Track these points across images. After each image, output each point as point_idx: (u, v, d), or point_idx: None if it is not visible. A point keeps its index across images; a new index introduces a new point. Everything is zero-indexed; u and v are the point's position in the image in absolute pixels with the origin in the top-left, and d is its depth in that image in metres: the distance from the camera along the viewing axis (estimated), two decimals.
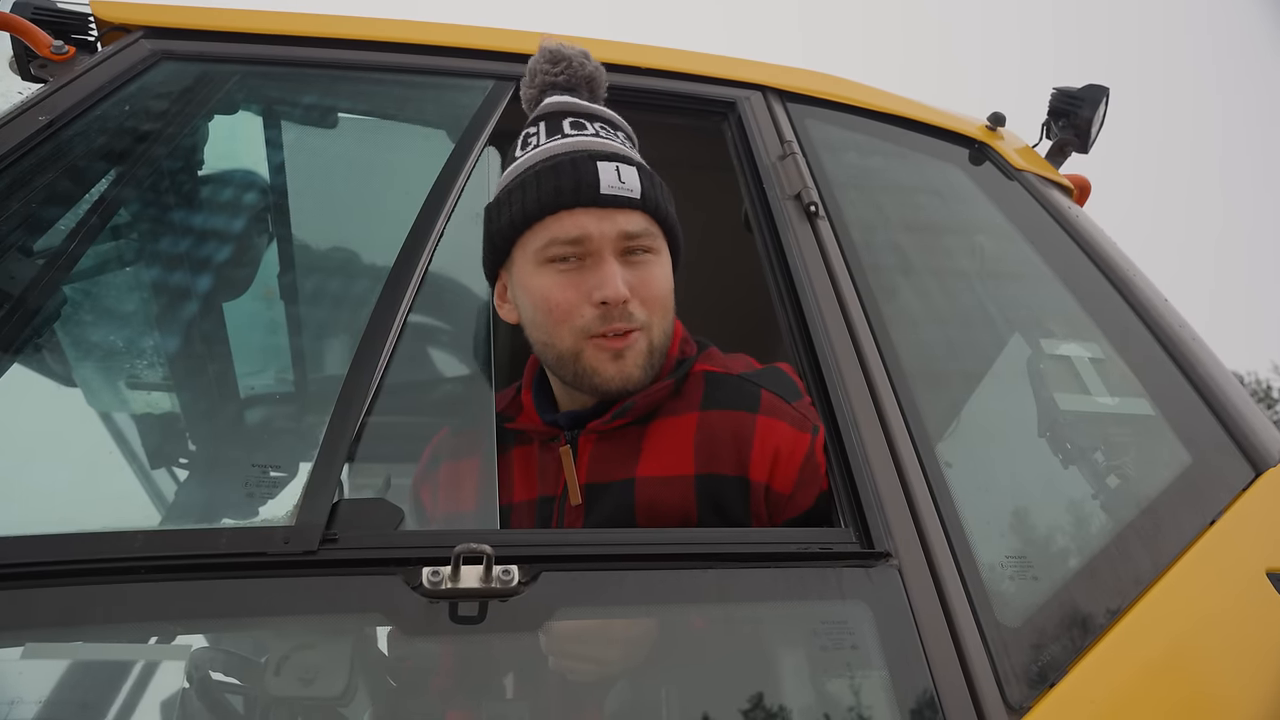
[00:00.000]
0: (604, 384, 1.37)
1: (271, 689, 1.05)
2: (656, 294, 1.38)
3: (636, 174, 1.38)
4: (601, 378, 1.37)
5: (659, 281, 1.39)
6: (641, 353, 1.37)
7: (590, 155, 1.37)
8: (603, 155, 1.38)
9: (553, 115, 1.45)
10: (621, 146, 1.44)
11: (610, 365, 1.36)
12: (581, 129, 1.43)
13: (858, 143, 1.90)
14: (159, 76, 1.64)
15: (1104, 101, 2.09)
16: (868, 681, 1.14)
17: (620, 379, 1.37)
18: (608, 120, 1.48)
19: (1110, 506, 1.42)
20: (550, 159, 1.39)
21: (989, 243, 1.83)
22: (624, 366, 1.36)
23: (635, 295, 1.35)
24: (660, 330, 1.40)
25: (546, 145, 1.41)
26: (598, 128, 1.44)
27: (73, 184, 1.49)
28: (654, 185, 1.41)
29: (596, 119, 1.46)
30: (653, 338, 1.38)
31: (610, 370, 1.36)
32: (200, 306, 1.71)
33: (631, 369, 1.36)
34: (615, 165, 1.37)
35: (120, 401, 1.68)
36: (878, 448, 1.34)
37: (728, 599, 1.18)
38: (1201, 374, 1.62)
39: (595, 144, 1.41)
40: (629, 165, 1.38)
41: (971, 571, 1.25)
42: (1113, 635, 1.23)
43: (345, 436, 1.20)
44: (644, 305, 1.36)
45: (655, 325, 1.38)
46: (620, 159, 1.38)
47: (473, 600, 1.09)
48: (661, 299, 1.39)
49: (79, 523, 1.09)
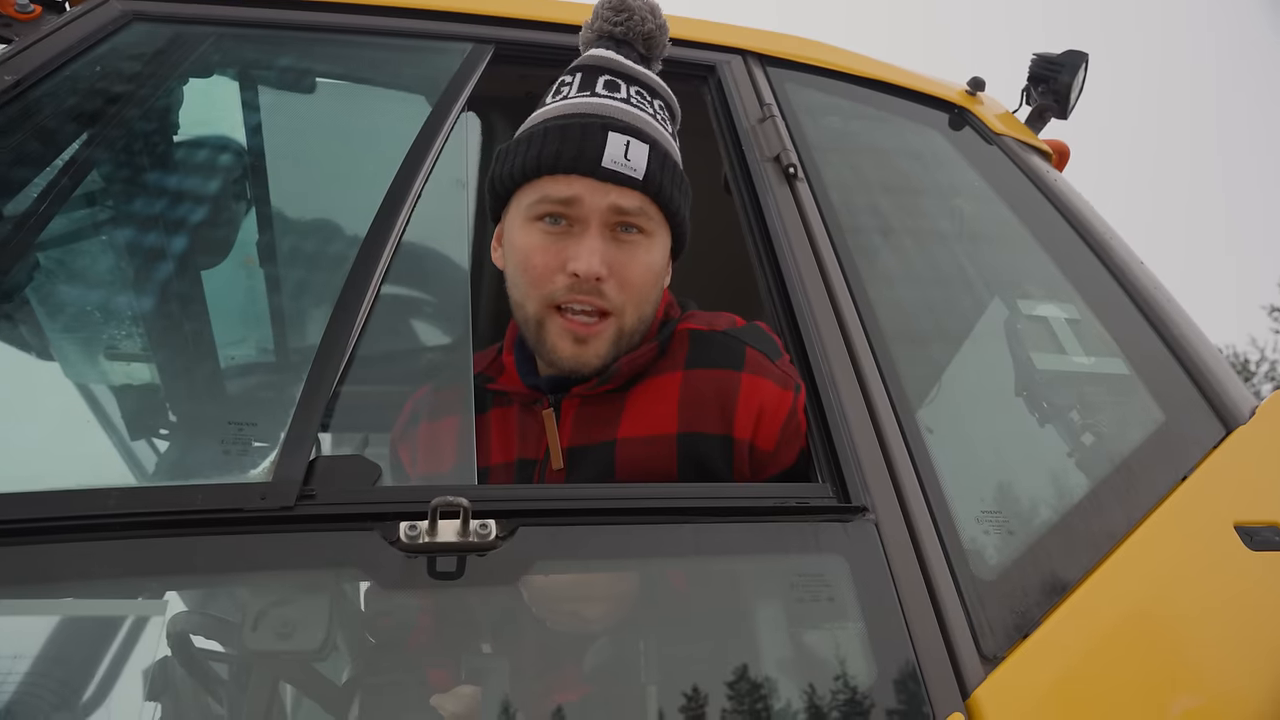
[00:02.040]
0: (559, 361, 1.37)
1: (249, 643, 1.05)
2: (636, 278, 1.36)
3: (646, 153, 1.35)
4: (558, 355, 1.36)
5: (642, 265, 1.37)
6: (607, 341, 1.36)
7: (604, 124, 1.34)
8: (618, 126, 1.34)
9: (590, 69, 1.43)
10: (648, 118, 1.40)
11: (570, 346, 1.35)
12: (614, 90, 1.40)
13: (838, 106, 1.90)
14: (130, 38, 1.61)
15: (1083, 67, 2.09)
16: (844, 633, 1.16)
17: (576, 362, 1.36)
18: (646, 85, 1.44)
19: (1085, 463, 1.44)
20: (565, 118, 1.36)
21: (968, 205, 1.84)
22: (583, 351, 1.35)
23: (613, 275, 1.33)
24: (635, 316, 1.38)
25: (572, 100, 1.39)
26: (632, 92, 1.41)
27: (41, 146, 1.47)
28: (663, 168, 1.37)
29: (635, 82, 1.42)
30: (624, 324, 1.37)
31: (569, 351, 1.35)
32: (176, 273, 1.69)
33: (590, 356, 1.36)
34: (627, 140, 1.34)
35: (96, 371, 1.67)
36: (855, 405, 1.35)
37: (705, 553, 1.19)
38: (1175, 334, 1.63)
39: (617, 111, 1.37)
40: (643, 142, 1.35)
41: (947, 525, 1.26)
42: (1086, 587, 1.25)
43: (322, 394, 1.19)
44: (620, 288, 1.34)
45: (629, 311, 1.36)
46: (635, 133, 1.35)
47: (450, 554, 1.09)
48: (640, 284, 1.37)
49: (51, 481, 1.08)
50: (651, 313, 1.42)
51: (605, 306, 1.34)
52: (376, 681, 1.21)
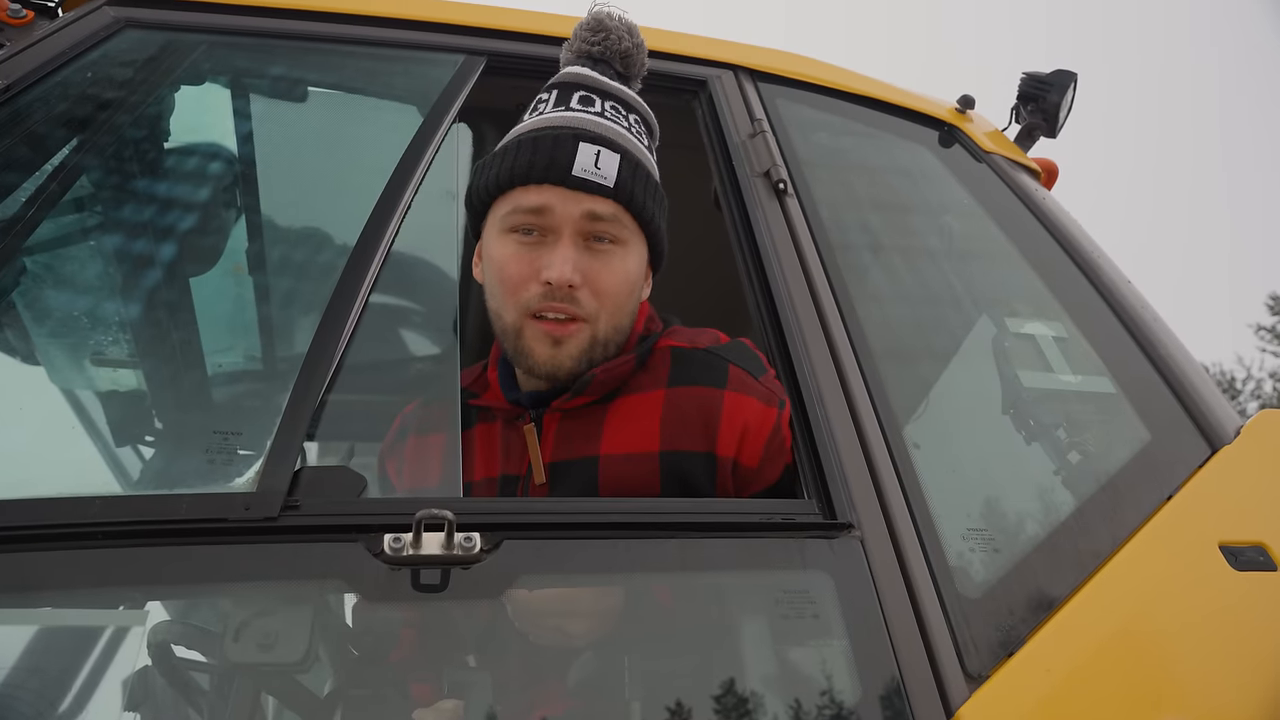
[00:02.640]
0: (535, 366, 1.37)
1: (230, 654, 1.04)
2: (610, 286, 1.37)
3: (617, 161, 1.36)
4: (534, 359, 1.36)
5: (616, 274, 1.38)
6: (581, 344, 1.36)
7: (575, 135, 1.36)
8: (589, 137, 1.36)
9: (566, 86, 1.45)
10: (622, 130, 1.42)
11: (545, 349, 1.35)
12: (589, 105, 1.41)
13: (828, 123, 1.91)
14: (122, 44, 1.61)
15: (1071, 87, 2.11)
16: (828, 650, 1.16)
17: (551, 365, 1.36)
18: (621, 100, 1.46)
19: (1071, 482, 1.44)
20: (538, 131, 1.38)
21: (957, 223, 1.85)
22: (557, 354, 1.36)
23: (587, 284, 1.34)
24: (609, 324, 1.38)
25: (546, 115, 1.41)
26: (606, 106, 1.43)
27: (31, 152, 1.46)
28: (635, 178, 1.38)
29: (610, 97, 1.45)
30: (598, 331, 1.37)
31: (544, 354, 1.36)
32: (164, 280, 1.68)
33: (564, 359, 1.36)
34: (597, 149, 1.35)
35: (83, 377, 1.66)
36: (842, 421, 1.35)
37: (690, 568, 1.19)
38: (1161, 353, 1.64)
39: (589, 124, 1.39)
40: (614, 152, 1.37)
41: (933, 543, 1.26)
42: (1071, 606, 1.25)
43: (308, 404, 1.19)
44: (594, 295, 1.35)
45: (603, 319, 1.37)
46: (606, 144, 1.37)
47: (434, 567, 1.08)
48: (614, 292, 1.37)
49: (34, 488, 1.08)
50: (628, 323, 1.43)
51: (579, 313, 1.35)
52: (359, 694, 1.20)
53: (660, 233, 1.45)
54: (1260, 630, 1.28)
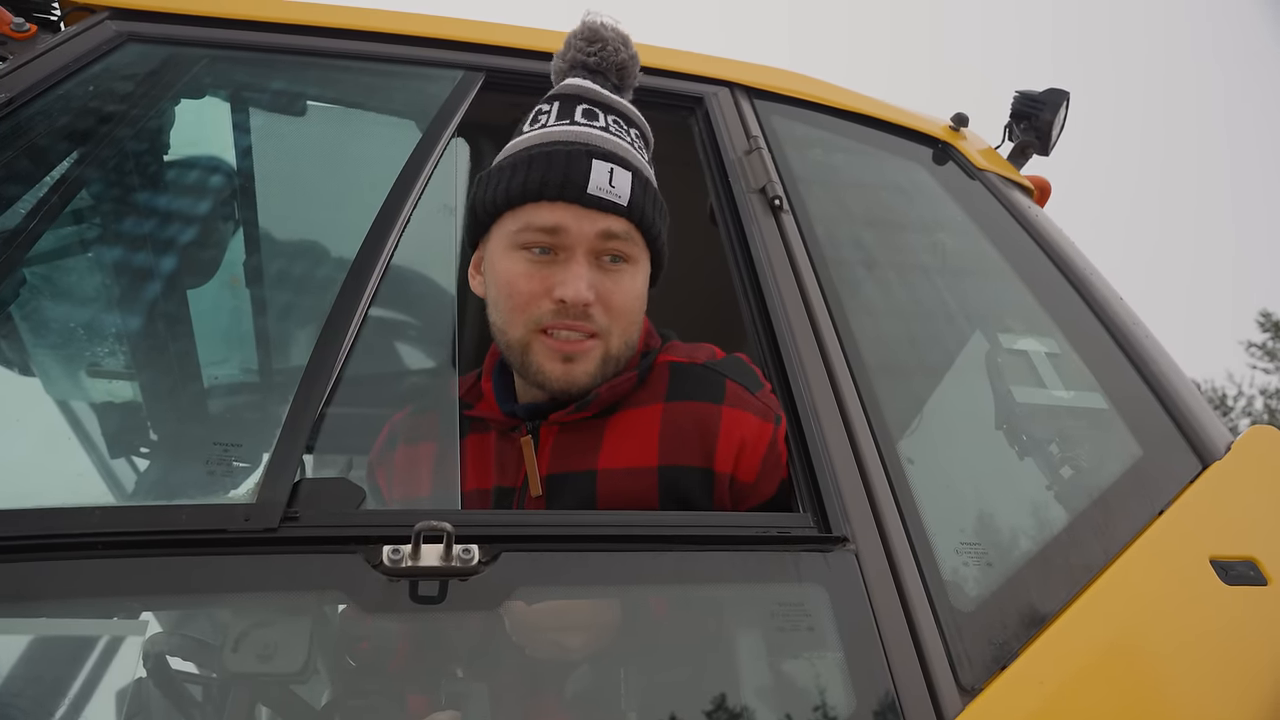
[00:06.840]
0: (548, 383, 1.37)
1: (229, 665, 1.05)
2: (622, 304, 1.37)
3: (630, 180, 1.36)
4: (546, 376, 1.36)
5: (628, 292, 1.38)
6: (594, 361, 1.37)
7: (588, 152, 1.35)
8: (600, 154, 1.35)
9: (568, 98, 1.44)
10: (628, 146, 1.41)
11: (558, 366, 1.35)
12: (593, 119, 1.40)
13: (823, 140, 1.93)
14: (124, 58, 1.62)
15: (1064, 105, 2.13)
16: (823, 663, 1.16)
17: (565, 381, 1.36)
18: (623, 114, 1.45)
19: (1063, 496, 1.46)
20: (548, 145, 1.37)
21: (950, 240, 1.87)
22: (571, 370, 1.36)
23: (600, 301, 1.34)
24: (621, 341, 1.39)
25: (552, 128, 1.39)
26: (610, 120, 1.42)
27: (33, 164, 1.47)
28: (645, 195, 1.38)
29: (612, 111, 1.44)
30: (610, 347, 1.37)
31: (557, 371, 1.36)
32: (163, 293, 1.69)
33: (579, 375, 1.36)
34: (610, 167, 1.34)
35: (80, 389, 1.66)
36: (837, 436, 1.36)
37: (686, 581, 1.20)
38: (1153, 369, 1.66)
39: (598, 139, 1.38)
40: (625, 169, 1.36)
41: (927, 557, 1.27)
42: (1063, 620, 1.26)
43: (308, 416, 1.19)
44: (606, 312, 1.36)
45: (615, 335, 1.37)
46: (618, 161, 1.36)
47: (433, 579, 1.09)
48: (627, 310, 1.38)
49: (34, 499, 1.08)
50: (636, 338, 1.43)
51: (593, 329, 1.35)
52: (356, 705, 1.20)
53: (664, 248, 1.46)
54: (1251, 644, 1.29)
